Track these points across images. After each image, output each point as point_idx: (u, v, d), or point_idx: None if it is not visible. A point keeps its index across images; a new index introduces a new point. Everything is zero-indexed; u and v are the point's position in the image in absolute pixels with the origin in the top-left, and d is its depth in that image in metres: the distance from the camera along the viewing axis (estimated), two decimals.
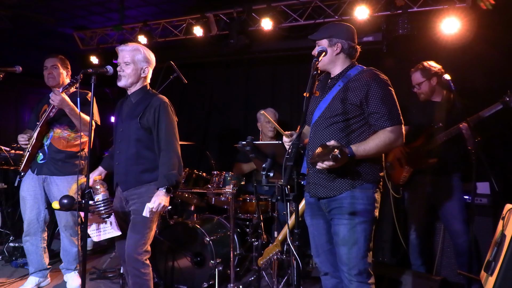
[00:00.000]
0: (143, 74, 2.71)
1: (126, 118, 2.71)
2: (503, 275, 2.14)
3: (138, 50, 2.69)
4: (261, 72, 5.19)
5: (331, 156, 1.89)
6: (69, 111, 3.14)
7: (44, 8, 5.05)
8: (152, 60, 2.76)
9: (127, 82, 2.67)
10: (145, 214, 2.52)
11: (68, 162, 3.34)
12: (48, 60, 3.42)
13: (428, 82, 3.28)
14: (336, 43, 2.27)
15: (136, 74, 2.68)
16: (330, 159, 1.90)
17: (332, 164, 1.94)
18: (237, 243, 3.63)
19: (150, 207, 2.50)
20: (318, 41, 2.31)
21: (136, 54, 2.67)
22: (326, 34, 2.29)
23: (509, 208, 2.37)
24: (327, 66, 2.32)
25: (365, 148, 2.10)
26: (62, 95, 3.06)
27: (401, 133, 2.18)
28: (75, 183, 2.86)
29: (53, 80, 3.38)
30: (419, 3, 3.83)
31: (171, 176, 2.57)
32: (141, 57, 2.68)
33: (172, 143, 2.63)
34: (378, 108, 2.14)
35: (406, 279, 3.04)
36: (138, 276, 2.63)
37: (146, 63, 2.71)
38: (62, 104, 3.08)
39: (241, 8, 4.48)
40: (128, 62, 2.65)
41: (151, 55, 2.77)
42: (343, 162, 1.98)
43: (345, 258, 2.17)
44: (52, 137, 3.33)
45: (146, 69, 2.71)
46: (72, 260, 3.47)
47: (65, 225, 3.38)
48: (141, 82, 2.74)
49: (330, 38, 2.27)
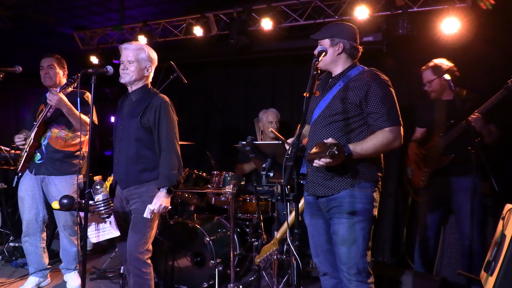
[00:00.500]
0: (146, 73, 2.73)
1: (126, 116, 2.72)
2: (503, 275, 2.15)
3: (142, 49, 2.71)
4: (261, 72, 5.19)
5: (328, 153, 1.88)
6: (66, 111, 3.14)
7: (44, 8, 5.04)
8: (155, 60, 2.79)
9: (130, 79, 2.68)
10: (146, 215, 2.53)
11: (66, 162, 3.34)
12: (44, 60, 3.41)
13: (439, 80, 3.26)
14: (338, 43, 2.27)
15: (140, 73, 2.69)
16: (327, 156, 1.89)
17: (329, 161, 1.93)
18: (237, 243, 3.63)
19: (151, 209, 2.51)
20: (320, 41, 2.31)
21: (140, 53, 2.69)
22: (328, 34, 2.29)
23: (509, 208, 2.37)
24: (328, 66, 2.32)
25: (363, 147, 2.10)
26: (59, 95, 3.07)
27: (400, 134, 2.17)
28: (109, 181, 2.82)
29: (50, 80, 3.38)
30: (419, 3, 3.83)
31: (172, 176, 2.57)
32: (145, 56, 2.70)
33: (172, 143, 2.64)
34: (377, 108, 2.15)
35: (406, 279, 3.04)
36: (139, 275, 2.64)
37: (149, 62, 2.73)
38: (59, 104, 3.08)
39: (241, 8, 4.48)
40: (132, 61, 2.66)
41: (154, 55, 2.79)
42: (340, 160, 1.98)
43: (344, 257, 2.17)
44: (50, 137, 3.33)
45: (150, 68, 2.74)
46: (72, 260, 3.47)
47: (64, 225, 3.38)
48: (143, 81, 2.75)
49: (332, 38, 2.27)
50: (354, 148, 2.08)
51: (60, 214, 3.35)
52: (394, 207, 4.19)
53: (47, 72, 3.37)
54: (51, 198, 3.33)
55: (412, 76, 4.24)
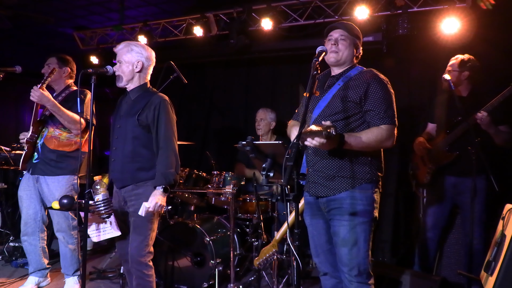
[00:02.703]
0: (137, 69, 2.68)
1: (124, 115, 2.71)
2: (503, 275, 2.15)
3: (128, 46, 2.68)
4: (261, 72, 5.19)
5: (325, 134, 1.84)
6: (51, 107, 3.12)
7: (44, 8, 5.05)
8: (146, 54, 2.71)
9: (123, 81, 2.68)
10: (141, 213, 2.50)
11: (60, 162, 3.30)
12: (48, 59, 3.43)
13: (459, 74, 3.22)
14: (357, 44, 2.33)
15: (130, 71, 2.67)
16: (322, 136, 1.85)
17: (322, 142, 1.88)
18: (237, 243, 3.63)
19: (147, 207, 2.49)
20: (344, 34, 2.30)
21: (126, 51, 2.66)
22: (354, 32, 2.32)
23: (509, 208, 2.37)
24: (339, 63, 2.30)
25: (356, 139, 2.09)
26: (40, 90, 3.05)
27: (393, 134, 2.18)
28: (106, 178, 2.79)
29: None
30: (419, 3, 3.83)
31: (169, 174, 2.55)
32: (132, 53, 2.66)
33: (170, 141, 2.62)
34: (375, 106, 2.16)
35: (406, 279, 3.03)
36: (141, 277, 2.64)
37: (138, 57, 2.67)
38: (41, 100, 3.07)
39: (241, 8, 4.48)
40: (120, 61, 2.66)
41: (145, 50, 2.71)
42: (333, 145, 1.99)
43: (345, 258, 2.17)
44: (46, 136, 3.31)
45: (139, 63, 2.67)
46: (69, 266, 3.41)
47: (57, 227, 3.34)
48: (138, 79, 2.71)
49: (356, 37, 2.32)
50: (348, 138, 2.08)
51: (54, 217, 3.33)
52: (394, 207, 4.19)
53: (45, 71, 3.38)
54: (45, 198, 3.32)
55: (412, 76, 4.25)
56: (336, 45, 2.27)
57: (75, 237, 3.38)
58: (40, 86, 3.09)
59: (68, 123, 3.20)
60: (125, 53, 2.66)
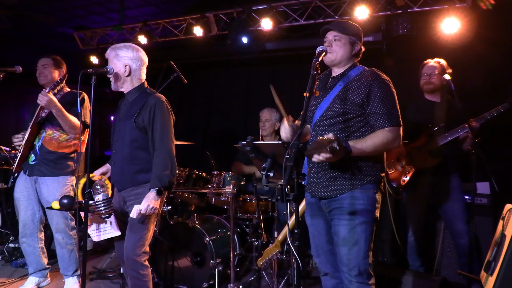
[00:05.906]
0: (125, 74, 2.65)
1: (123, 118, 2.70)
2: (503, 275, 2.14)
3: (113, 51, 2.66)
4: (261, 72, 5.19)
5: (329, 148, 1.85)
6: (56, 112, 3.11)
7: (44, 8, 5.05)
8: (133, 55, 2.67)
9: (115, 86, 2.67)
10: (133, 215, 2.48)
11: (59, 163, 3.30)
12: (40, 60, 3.43)
13: (441, 76, 3.19)
14: (355, 43, 2.29)
15: (119, 76, 2.65)
16: (327, 151, 1.87)
17: (329, 157, 1.91)
18: (237, 243, 3.63)
19: (139, 209, 2.47)
20: (338, 34, 2.28)
21: (112, 57, 2.65)
22: (349, 31, 2.28)
23: (509, 208, 2.37)
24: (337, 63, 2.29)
25: (362, 145, 2.09)
26: (49, 95, 3.05)
27: (399, 135, 2.18)
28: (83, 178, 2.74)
29: (44, 78, 3.37)
30: (419, 3, 3.83)
31: (164, 176, 2.52)
32: (118, 58, 2.64)
33: (166, 143, 2.59)
34: (378, 108, 2.15)
35: (406, 279, 3.03)
36: (137, 277, 2.61)
37: (124, 62, 2.64)
38: (49, 105, 3.06)
39: (241, 8, 4.48)
40: (110, 67, 2.63)
41: (131, 51, 2.67)
42: (340, 156, 1.98)
43: (346, 258, 2.17)
44: (44, 138, 3.30)
45: (126, 67, 2.64)
46: (67, 266, 3.40)
47: (56, 227, 3.34)
48: (130, 81, 2.69)
49: (353, 35, 2.29)
50: (354, 145, 2.08)
51: (53, 217, 3.33)
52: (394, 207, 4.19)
53: (41, 72, 3.38)
54: (43, 199, 3.32)
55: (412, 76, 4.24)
56: (330, 46, 2.25)
57: (74, 237, 3.38)
58: (49, 91, 3.08)
59: (69, 128, 3.20)
60: (112, 59, 2.64)
